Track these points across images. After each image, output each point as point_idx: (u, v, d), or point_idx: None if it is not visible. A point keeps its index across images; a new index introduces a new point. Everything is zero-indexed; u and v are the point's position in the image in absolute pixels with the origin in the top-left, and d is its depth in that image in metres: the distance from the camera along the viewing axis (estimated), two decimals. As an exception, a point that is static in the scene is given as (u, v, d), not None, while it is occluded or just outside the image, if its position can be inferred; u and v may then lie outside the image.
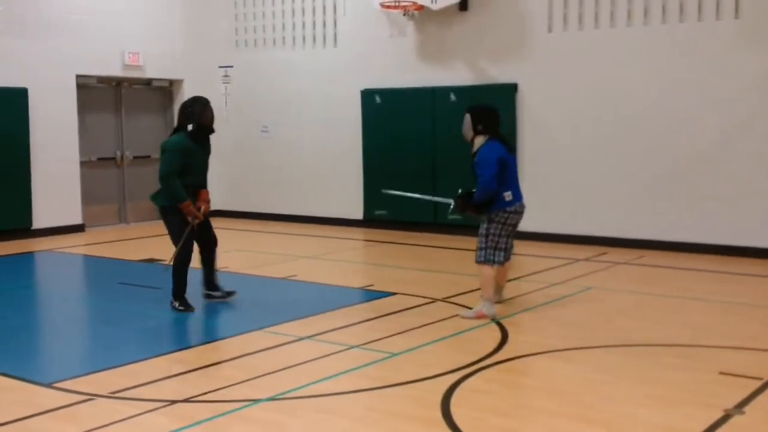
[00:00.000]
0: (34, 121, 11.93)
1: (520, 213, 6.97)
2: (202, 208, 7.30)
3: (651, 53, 10.36)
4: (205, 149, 7.40)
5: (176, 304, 7.23)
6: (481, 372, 5.45)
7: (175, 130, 7.33)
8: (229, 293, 7.65)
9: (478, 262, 6.91)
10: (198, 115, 7.17)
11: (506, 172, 6.84)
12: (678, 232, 10.25)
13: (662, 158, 10.34)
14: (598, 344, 6.16)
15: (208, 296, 7.58)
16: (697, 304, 7.55)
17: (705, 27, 10.00)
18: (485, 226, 6.88)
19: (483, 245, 6.87)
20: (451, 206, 7.13)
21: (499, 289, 7.23)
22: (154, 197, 7.35)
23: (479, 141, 6.89)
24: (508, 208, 6.85)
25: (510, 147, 7.08)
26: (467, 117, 6.95)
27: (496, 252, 6.87)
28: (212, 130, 7.34)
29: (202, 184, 7.41)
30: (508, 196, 6.83)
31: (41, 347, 6.69)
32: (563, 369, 5.58)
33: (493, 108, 7.16)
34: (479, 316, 6.83)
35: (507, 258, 7.08)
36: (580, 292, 7.96)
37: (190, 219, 7.18)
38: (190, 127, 7.18)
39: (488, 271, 6.87)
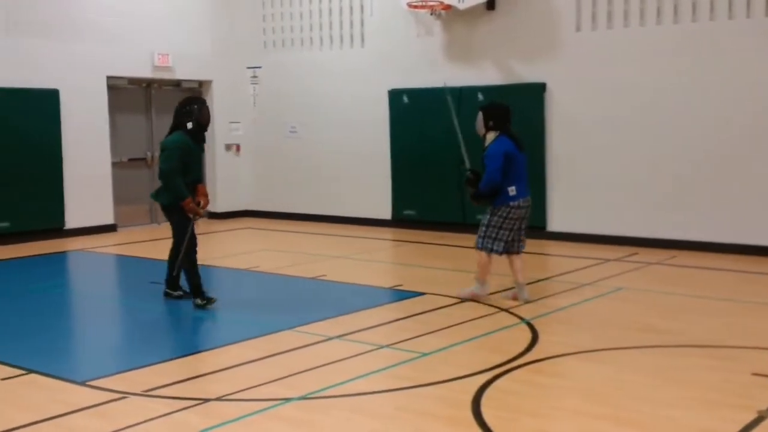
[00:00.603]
0: (66, 122, 12.08)
1: (523, 208, 7.33)
2: (202, 202, 7.40)
3: (681, 52, 10.25)
4: (201, 147, 7.54)
5: (198, 301, 7.32)
6: (512, 372, 5.43)
7: (173, 129, 7.37)
8: (186, 293, 7.61)
9: (478, 247, 7.41)
10: (197, 114, 7.27)
11: (512, 167, 7.23)
12: (710, 232, 10.14)
13: (693, 157, 10.23)
14: (629, 345, 6.12)
15: (167, 294, 7.68)
16: (729, 305, 7.47)
17: (735, 25, 9.89)
18: (488, 217, 7.33)
19: (482, 233, 7.36)
20: (467, 175, 7.57)
21: (519, 286, 7.52)
22: (156, 195, 7.48)
23: (491, 137, 7.36)
24: (511, 203, 7.23)
25: (520, 144, 7.40)
26: (480, 114, 7.44)
27: (495, 242, 7.30)
28: (206, 129, 7.52)
29: (199, 179, 7.63)
30: (512, 191, 7.21)
31: (74, 346, 6.78)
32: (594, 369, 5.55)
33: (505, 105, 7.53)
34: (473, 296, 7.47)
35: (515, 251, 7.45)
36: (611, 293, 7.90)
37: (191, 216, 7.28)
38: (189, 125, 7.26)
39: (484, 257, 7.38)
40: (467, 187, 7.58)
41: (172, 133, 7.36)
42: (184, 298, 7.57)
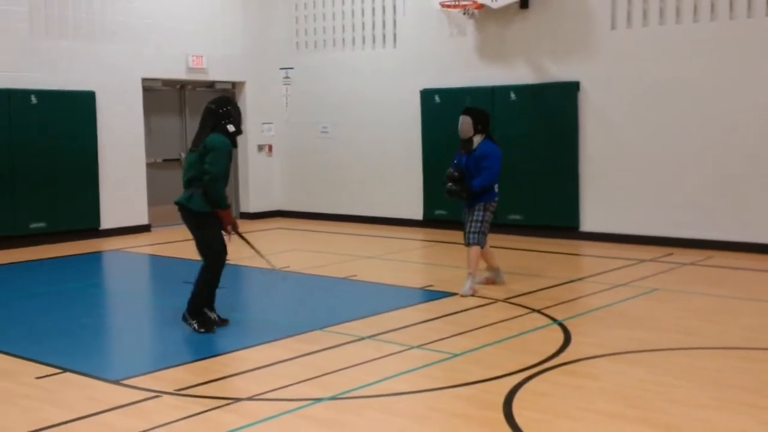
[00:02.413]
0: (102, 123, 12.23)
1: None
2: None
3: (718, 50, 10.11)
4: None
5: (195, 324, 6.50)
6: (544, 374, 5.39)
7: (212, 129, 6.43)
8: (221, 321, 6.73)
9: (470, 243, 7.81)
10: (236, 117, 6.54)
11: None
12: (747, 232, 9.98)
13: (729, 156, 10.08)
14: (663, 347, 6.04)
15: (185, 319, 6.65)
16: (766, 306, 7.33)
17: (775, 21, 9.73)
18: (481, 213, 7.84)
19: (477, 230, 7.81)
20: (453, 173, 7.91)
21: (497, 271, 8.18)
22: (188, 200, 6.38)
23: (477, 139, 7.88)
24: (496, 198, 7.94)
25: (499, 145, 8.02)
26: (467, 118, 7.85)
27: (485, 236, 7.88)
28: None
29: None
30: (496, 187, 7.93)
31: (109, 345, 6.86)
32: (628, 371, 5.49)
33: (487, 111, 8.28)
34: (474, 291, 7.77)
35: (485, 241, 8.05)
36: (646, 294, 7.81)
37: (229, 228, 6.55)
38: (231, 127, 6.45)
39: (478, 251, 7.83)
40: (451, 183, 7.88)
41: (213, 133, 6.41)
42: (223, 324, 6.68)
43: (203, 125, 6.52)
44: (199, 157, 6.39)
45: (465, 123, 7.86)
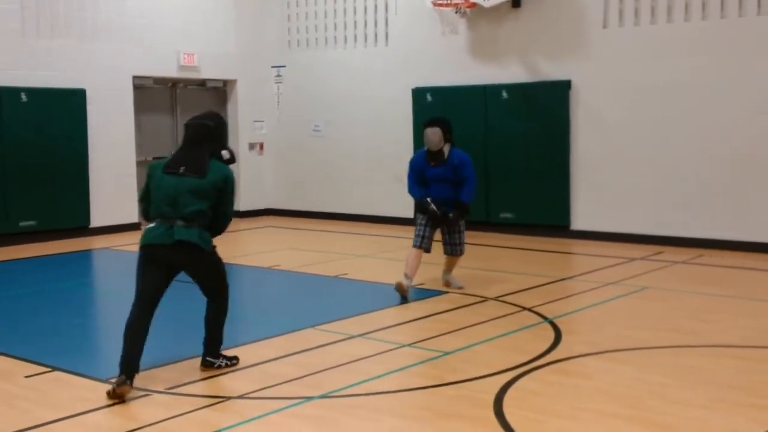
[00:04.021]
0: (92, 121, 12.17)
1: None
2: None
3: (709, 49, 10.13)
4: None
5: (226, 361, 5.69)
6: (535, 372, 5.38)
7: (212, 154, 5.38)
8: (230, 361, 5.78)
9: (460, 254, 7.94)
10: (226, 141, 5.60)
11: None
12: (737, 231, 10.00)
13: (720, 155, 10.10)
14: (655, 345, 6.04)
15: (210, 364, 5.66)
16: (757, 305, 7.35)
17: (765, 21, 9.75)
18: (463, 223, 7.87)
19: (464, 240, 7.91)
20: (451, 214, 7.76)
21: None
22: (198, 237, 5.27)
23: (446, 148, 7.78)
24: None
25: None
26: (437, 129, 7.70)
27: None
28: None
29: None
30: None
31: (98, 343, 6.82)
32: (619, 370, 5.49)
33: (448, 118, 8.04)
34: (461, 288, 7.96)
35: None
36: (636, 292, 7.81)
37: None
38: (225, 154, 5.45)
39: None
40: (457, 217, 7.75)
41: (209, 160, 5.34)
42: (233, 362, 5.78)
43: (199, 145, 5.37)
44: (208, 188, 5.28)
45: (435, 134, 7.67)
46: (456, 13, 11.77)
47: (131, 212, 12.75)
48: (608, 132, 10.96)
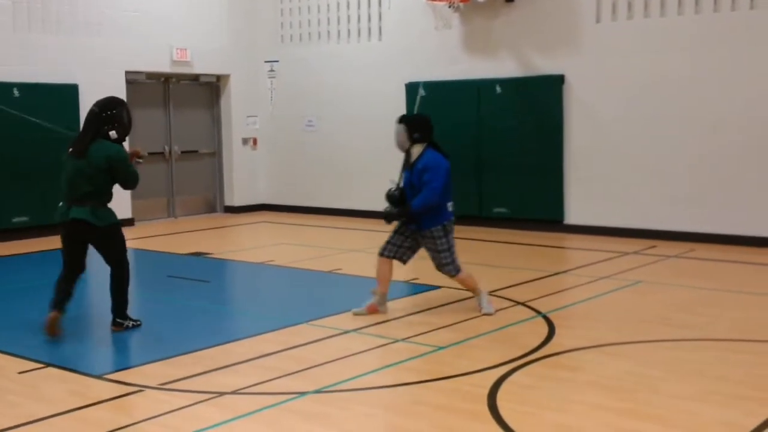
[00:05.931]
0: (85, 117, 12.10)
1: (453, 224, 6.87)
2: None
3: (702, 43, 10.14)
4: None
5: (131, 323, 6.56)
6: (528, 366, 5.40)
7: (94, 136, 6.19)
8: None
9: (455, 275, 6.81)
10: (125, 121, 6.32)
11: (449, 183, 6.69)
12: (729, 225, 10.03)
13: (712, 150, 10.13)
14: (648, 338, 6.06)
15: (120, 325, 6.57)
16: (749, 298, 7.38)
17: (757, 15, 9.76)
18: (443, 240, 6.68)
19: (450, 259, 6.75)
20: (394, 192, 6.80)
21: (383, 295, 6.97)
22: (93, 215, 6.13)
23: (417, 149, 6.70)
24: (451, 218, 6.75)
25: (445, 154, 6.80)
26: (401, 127, 6.73)
27: (456, 259, 6.81)
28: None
29: None
30: (450, 206, 6.72)
31: (93, 339, 6.80)
32: (613, 363, 5.50)
33: (426, 116, 6.95)
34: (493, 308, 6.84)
35: (406, 259, 7.00)
36: (629, 286, 7.84)
37: (139, 152, 6.69)
38: (113, 134, 6.19)
39: (463, 275, 6.85)
40: (391, 204, 6.79)
41: (93, 141, 6.16)
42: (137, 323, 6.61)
43: (86, 129, 6.26)
44: (91, 170, 6.07)
45: (398, 134, 6.70)
46: (449, 7, 11.75)
47: (125, 208, 12.71)
48: (602, 126, 10.97)
